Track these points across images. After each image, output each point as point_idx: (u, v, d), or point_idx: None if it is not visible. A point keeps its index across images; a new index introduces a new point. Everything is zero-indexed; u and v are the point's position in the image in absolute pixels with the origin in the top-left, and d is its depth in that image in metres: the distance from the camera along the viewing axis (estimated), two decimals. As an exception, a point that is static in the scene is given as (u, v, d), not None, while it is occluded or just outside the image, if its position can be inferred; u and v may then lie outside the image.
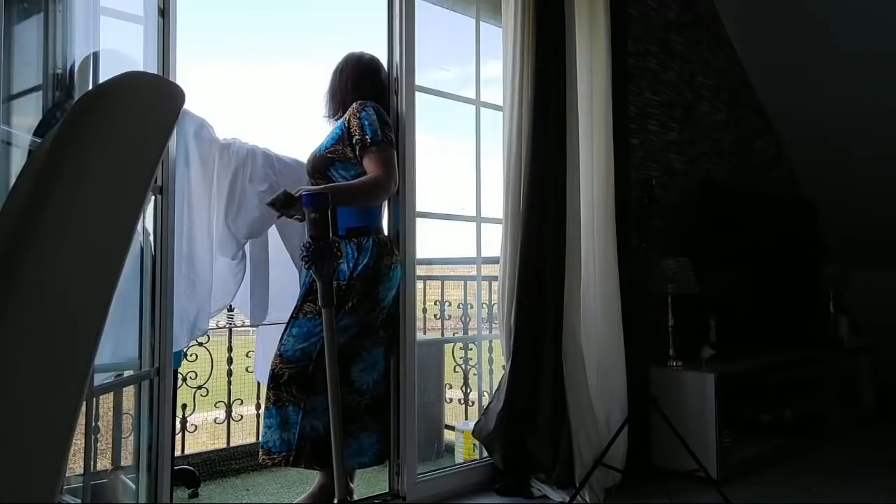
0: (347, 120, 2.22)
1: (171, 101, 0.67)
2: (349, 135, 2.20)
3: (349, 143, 2.20)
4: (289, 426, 2.10)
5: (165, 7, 1.82)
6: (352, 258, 2.15)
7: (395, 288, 2.29)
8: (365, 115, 2.20)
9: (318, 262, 1.84)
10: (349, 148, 2.20)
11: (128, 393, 1.79)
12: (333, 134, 2.26)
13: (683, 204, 3.61)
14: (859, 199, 4.29)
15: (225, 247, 2.29)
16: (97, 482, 1.61)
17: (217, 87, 12.08)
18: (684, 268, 3.13)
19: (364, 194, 2.17)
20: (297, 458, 2.10)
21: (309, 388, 2.09)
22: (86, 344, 0.59)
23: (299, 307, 2.18)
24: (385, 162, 2.17)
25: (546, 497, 2.54)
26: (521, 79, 2.63)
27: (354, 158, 2.20)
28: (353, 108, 2.25)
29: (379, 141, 2.17)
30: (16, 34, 1.41)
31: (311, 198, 1.89)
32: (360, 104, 2.24)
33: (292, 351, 2.13)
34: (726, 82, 4.13)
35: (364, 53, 2.43)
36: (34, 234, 0.56)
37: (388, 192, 2.23)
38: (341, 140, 2.21)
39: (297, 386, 2.10)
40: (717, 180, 3.91)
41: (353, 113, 2.22)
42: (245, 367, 3.22)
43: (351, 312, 2.13)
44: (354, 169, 2.21)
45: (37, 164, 0.64)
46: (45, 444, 0.56)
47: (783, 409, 3.49)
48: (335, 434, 1.84)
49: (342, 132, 2.22)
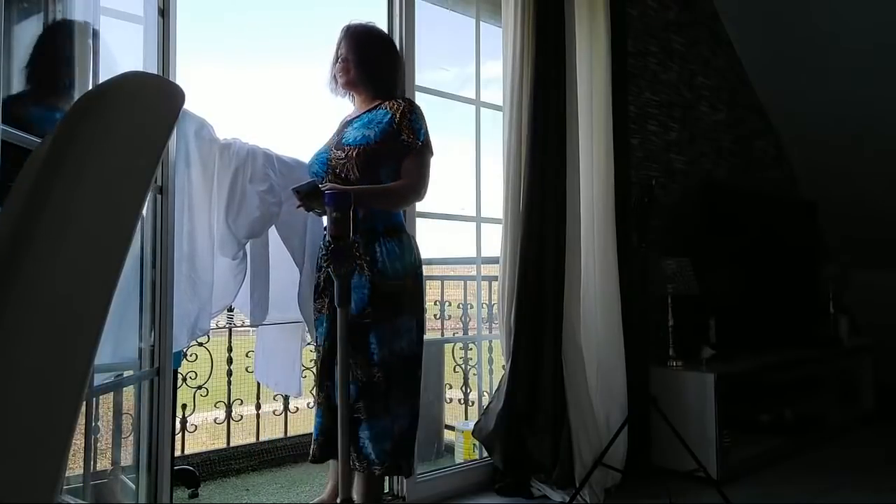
0: (396, 115, 2.11)
1: (171, 101, 0.67)
2: (397, 131, 2.10)
3: (395, 139, 2.10)
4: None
5: (165, 7, 1.82)
6: (396, 256, 2.08)
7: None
8: (415, 116, 2.14)
9: (336, 262, 1.84)
10: (393, 144, 2.10)
11: (128, 393, 1.79)
12: (380, 124, 2.11)
13: (683, 204, 3.61)
14: (859, 198, 4.29)
15: (225, 247, 2.29)
16: (97, 482, 1.61)
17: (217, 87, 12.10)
18: (684, 268, 3.13)
19: (400, 198, 2.14)
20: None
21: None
22: (86, 344, 0.59)
23: (317, 306, 2.18)
24: (426, 168, 2.14)
25: (546, 497, 2.54)
26: (521, 79, 2.63)
27: (394, 156, 2.12)
28: (400, 104, 2.14)
29: (426, 146, 2.13)
30: (16, 34, 1.40)
31: (333, 197, 1.86)
32: (408, 103, 2.17)
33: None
34: (726, 82, 4.13)
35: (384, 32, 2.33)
36: (34, 234, 0.56)
37: (420, 199, 2.20)
38: (390, 135, 2.09)
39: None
40: (717, 180, 3.91)
41: (403, 112, 2.12)
42: (245, 367, 3.22)
43: (409, 312, 2.10)
44: (395, 168, 2.13)
45: (37, 164, 0.64)
46: (45, 444, 0.56)
47: (783, 409, 3.49)
48: (342, 433, 1.84)
49: (390, 127, 2.09)
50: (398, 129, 2.10)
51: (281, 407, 3.38)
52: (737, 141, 4.16)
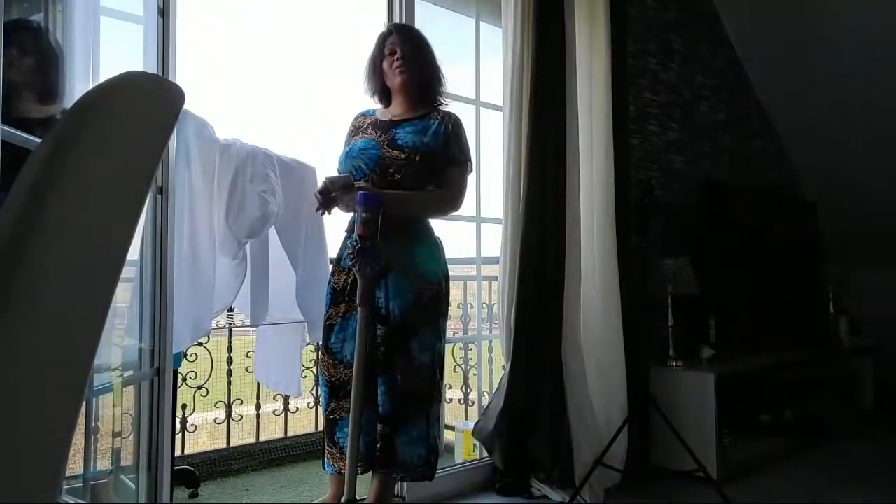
0: (449, 128, 2.13)
1: (171, 101, 0.67)
2: (447, 143, 2.11)
3: (446, 150, 2.11)
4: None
5: (165, 7, 1.82)
6: (434, 259, 2.09)
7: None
8: (462, 131, 2.18)
9: (363, 263, 1.85)
10: (443, 154, 2.11)
11: (128, 393, 1.79)
12: (436, 134, 2.11)
13: (683, 204, 3.61)
14: (859, 198, 4.29)
15: (226, 247, 2.29)
16: (97, 482, 1.61)
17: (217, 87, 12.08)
18: (684, 268, 3.13)
19: (437, 207, 2.15)
20: (371, 463, 2.01)
21: (370, 386, 1.99)
22: (86, 344, 0.59)
23: (333, 311, 2.10)
24: (465, 183, 2.18)
25: (546, 497, 2.54)
26: (521, 79, 2.63)
27: (441, 167, 2.12)
28: (451, 116, 2.17)
29: (468, 161, 2.17)
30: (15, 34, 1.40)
31: (365, 197, 1.87)
32: (458, 119, 2.19)
33: (348, 353, 2.03)
34: (726, 82, 4.13)
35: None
36: (34, 234, 0.56)
37: (456, 210, 2.21)
38: (442, 146, 2.11)
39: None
40: (717, 180, 3.91)
41: (454, 126, 2.15)
42: (245, 368, 3.22)
43: (444, 314, 2.13)
44: (437, 178, 2.14)
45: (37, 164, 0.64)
46: (46, 444, 0.56)
47: (783, 410, 3.49)
48: (352, 435, 1.84)
49: (444, 139, 2.11)
50: (448, 141, 2.12)
51: (281, 407, 3.39)
52: (737, 141, 4.16)
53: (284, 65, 19.17)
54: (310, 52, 15.92)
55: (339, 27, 11.94)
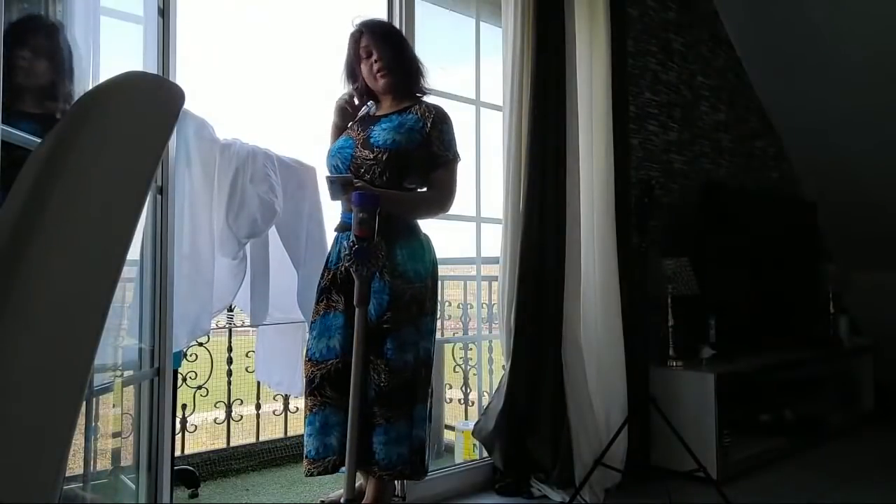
0: (427, 124, 2.07)
1: (171, 101, 0.67)
2: (427, 140, 2.06)
3: (425, 148, 2.07)
4: (329, 430, 1.99)
5: (165, 7, 1.82)
6: (418, 257, 2.07)
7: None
8: (446, 126, 2.11)
9: (360, 262, 1.83)
10: (423, 152, 2.07)
11: (128, 393, 1.79)
12: (411, 131, 2.06)
13: (683, 204, 3.61)
14: (859, 199, 4.29)
15: (226, 247, 2.29)
16: (97, 482, 1.61)
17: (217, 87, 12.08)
18: (684, 268, 3.13)
19: (427, 208, 2.13)
20: (340, 461, 1.98)
21: (344, 385, 1.95)
22: (86, 344, 0.59)
23: (315, 309, 2.10)
24: (455, 181, 2.14)
25: (546, 497, 2.54)
26: (521, 79, 2.63)
27: (422, 165, 2.09)
28: (431, 110, 2.10)
29: (455, 158, 2.13)
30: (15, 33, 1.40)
31: (361, 197, 1.84)
32: (438, 110, 2.12)
33: (316, 350, 2.03)
34: (726, 82, 4.13)
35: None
36: (34, 234, 0.56)
37: (445, 212, 2.19)
38: (420, 144, 2.05)
39: (329, 386, 2.00)
40: (717, 180, 3.91)
41: (434, 120, 2.08)
42: (245, 367, 3.22)
43: (431, 312, 2.09)
44: (420, 176, 2.11)
45: (37, 164, 0.64)
46: (46, 444, 0.56)
47: (783, 409, 3.49)
48: (351, 434, 1.84)
49: (421, 136, 2.05)
50: (428, 138, 2.07)
51: (281, 407, 3.38)
52: (737, 141, 4.16)
53: (284, 65, 19.15)
54: (310, 52, 15.92)
55: (339, 27, 11.90)
